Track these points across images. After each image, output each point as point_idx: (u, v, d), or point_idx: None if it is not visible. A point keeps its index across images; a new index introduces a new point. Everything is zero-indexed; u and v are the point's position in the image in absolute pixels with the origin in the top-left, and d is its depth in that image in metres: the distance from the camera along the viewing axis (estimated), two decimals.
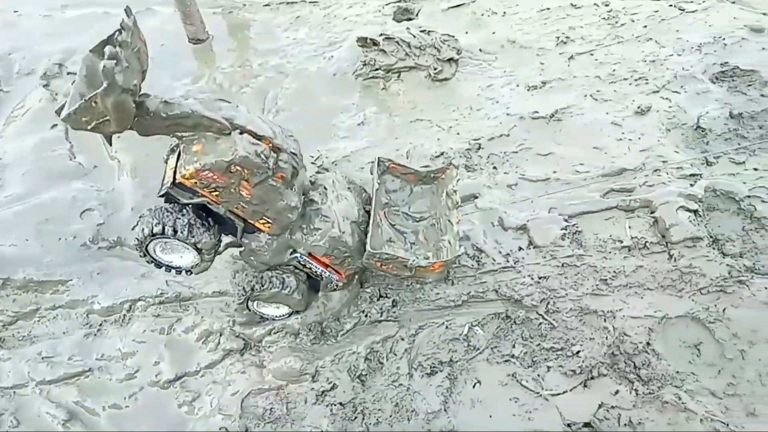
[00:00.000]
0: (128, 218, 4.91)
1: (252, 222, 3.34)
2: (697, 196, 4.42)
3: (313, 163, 5.05)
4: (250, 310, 3.93)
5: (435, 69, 5.68)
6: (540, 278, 4.15)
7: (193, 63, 6.31)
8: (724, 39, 5.64)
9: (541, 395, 3.60)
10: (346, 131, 5.38)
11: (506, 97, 5.47)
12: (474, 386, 3.71)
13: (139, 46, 2.90)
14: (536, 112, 5.22)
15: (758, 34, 5.68)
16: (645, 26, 5.93)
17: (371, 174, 3.95)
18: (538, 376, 3.69)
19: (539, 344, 3.84)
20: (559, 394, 3.60)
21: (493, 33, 6.13)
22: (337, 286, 3.87)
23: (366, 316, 4.04)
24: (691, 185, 4.52)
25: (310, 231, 3.47)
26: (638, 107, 5.12)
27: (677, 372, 3.68)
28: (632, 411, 3.52)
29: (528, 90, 5.49)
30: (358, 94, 5.73)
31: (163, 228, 3.17)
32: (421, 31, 5.90)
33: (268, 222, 3.33)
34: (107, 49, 2.60)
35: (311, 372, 3.82)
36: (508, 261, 4.25)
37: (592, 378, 3.65)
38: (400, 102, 5.62)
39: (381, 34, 5.88)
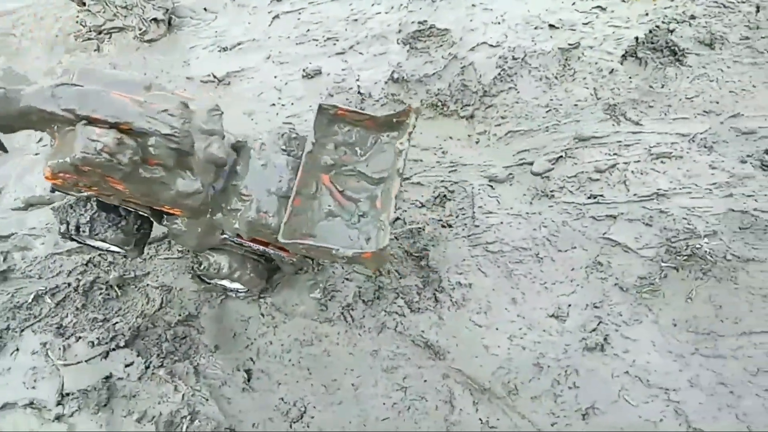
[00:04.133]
0: None
1: (158, 209, 2.92)
2: None
3: None
4: (207, 283, 3.68)
5: (140, 30, 5.51)
6: None
7: None
8: None
9: (54, 365, 3.62)
10: None
11: (200, 59, 5.29)
12: (12, 354, 3.75)
13: None
14: (211, 74, 5.05)
15: None
16: None
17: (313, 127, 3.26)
18: (67, 345, 3.70)
19: (87, 315, 3.83)
20: (71, 364, 3.61)
21: None
22: (292, 263, 3.38)
23: None
24: None
25: (229, 212, 3.05)
26: (306, 71, 4.87)
27: (205, 345, 3.65)
28: (135, 383, 3.52)
29: (220, 51, 5.28)
30: (69, 56, 5.63)
31: (68, 227, 3.03)
32: None
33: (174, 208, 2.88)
34: None
35: None
36: None
37: (114, 349, 3.65)
38: (105, 64, 5.50)
39: None
